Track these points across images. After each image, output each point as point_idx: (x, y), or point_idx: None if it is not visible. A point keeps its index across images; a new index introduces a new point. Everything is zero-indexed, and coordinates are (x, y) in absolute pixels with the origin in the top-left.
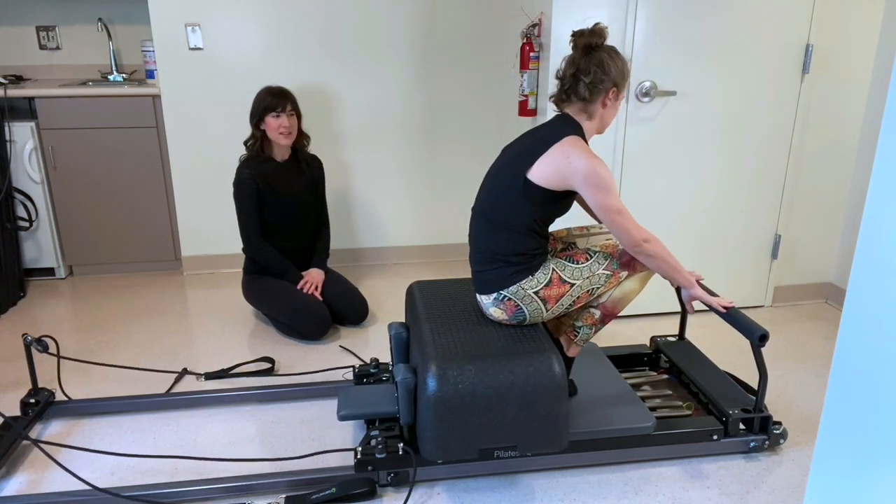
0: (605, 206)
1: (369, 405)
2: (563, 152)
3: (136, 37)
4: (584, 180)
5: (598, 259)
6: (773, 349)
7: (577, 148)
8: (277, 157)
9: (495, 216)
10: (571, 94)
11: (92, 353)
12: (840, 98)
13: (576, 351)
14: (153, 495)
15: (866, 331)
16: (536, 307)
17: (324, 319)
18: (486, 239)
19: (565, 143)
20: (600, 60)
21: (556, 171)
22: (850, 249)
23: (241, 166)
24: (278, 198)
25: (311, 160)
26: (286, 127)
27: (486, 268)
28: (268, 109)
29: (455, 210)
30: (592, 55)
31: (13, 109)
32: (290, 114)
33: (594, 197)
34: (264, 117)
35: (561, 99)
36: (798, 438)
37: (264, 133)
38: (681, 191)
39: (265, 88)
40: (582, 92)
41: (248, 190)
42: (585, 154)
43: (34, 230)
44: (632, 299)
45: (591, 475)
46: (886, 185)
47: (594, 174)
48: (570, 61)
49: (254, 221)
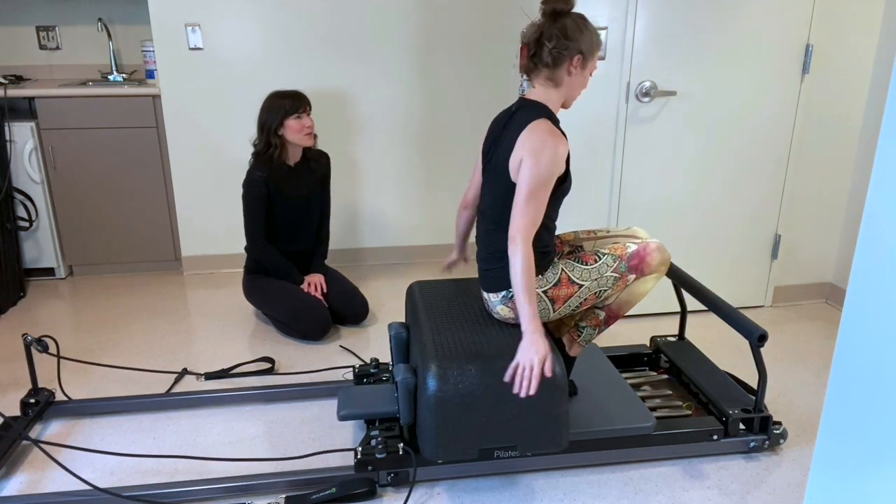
0: (530, 179)
1: (369, 405)
2: (522, 144)
3: (136, 37)
4: (529, 150)
5: (606, 261)
6: (773, 349)
7: (535, 133)
8: (290, 160)
9: (500, 216)
10: (536, 61)
11: (92, 353)
12: (840, 98)
13: (577, 351)
14: (153, 495)
15: (866, 331)
16: (544, 307)
17: (324, 319)
18: (494, 238)
19: (525, 135)
20: (564, 26)
21: (519, 164)
22: (850, 249)
23: (253, 168)
24: (287, 201)
25: (320, 156)
26: (309, 127)
27: (495, 265)
28: (289, 113)
29: (455, 210)
30: (557, 21)
31: (13, 109)
32: (309, 114)
33: (528, 163)
34: (284, 122)
35: (528, 67)
36: (798, 438)
37: (282, 138)
38: (681, 191)
39: (276, 94)
40: (545, 58)
41: (258, 192)
42: (544, 135)
43: (34, 230)
44: (637, 302)
45: (591, 475)
46: (886, 185)
47: (540, 146)
48: (535, 27)
49: (260, 224)
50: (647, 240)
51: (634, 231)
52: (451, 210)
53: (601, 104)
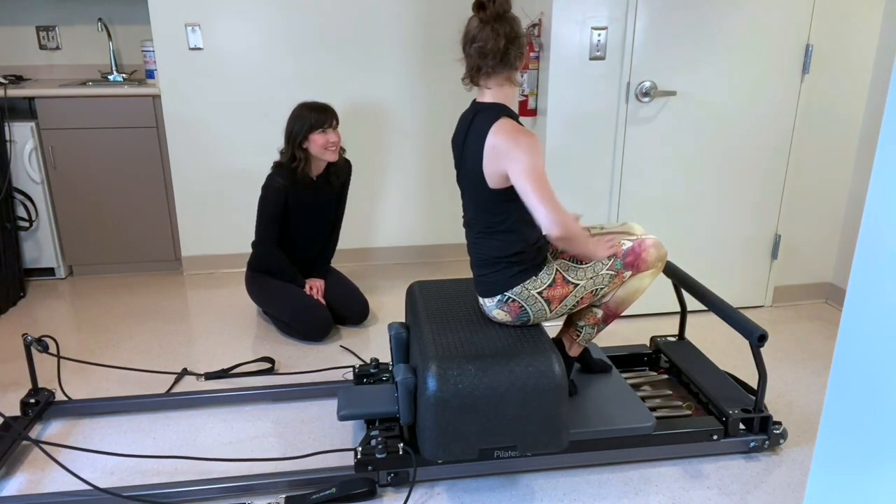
0: (527, 171)
1: (369, 405)
2: (493, 149)
3: (136, 37)
4: (504, 151)
5: (601, 259)
6: (773, 349)
7: (500, 133)
8: (313, 173)
9: (486, 225)
10: (500, 67)
11: (92, 353)
12: (840, 98)
13: (577, 351)
14: (153, 495)
15: (866, 331)
16: (540, 308)
17: (325, 320)
18: (485, 246)
19: (491, 140)
20: (515, 24)
21: (499, 169)
22: (850, 249)
23: (274, 173)
24: (302, 213)
25: (344, 164)
26: (334, 143)
27: (489, 270)
28: (314, 127)
29: (455, 210)
30: (505, 20)
31: (13, 109)
32: (335, 128)
33: (518, 160)
34: (309, 135)
35: (487, 73)
36: (798, 438)
37: (306, 151)
38: (681, 191)
39: (304, 105)
40: (513, 60)
41: (275, 199)
42: (510, 132)
43: (34, 230)
44: (635, 299)
45: (591, 475)
46: (886, 185)
47: (512, 141)
48: (494, 32)
49: (273, 230)
50: (643, 236)
51: (630, 227)
52: (450, 210)
53: (601, 104)
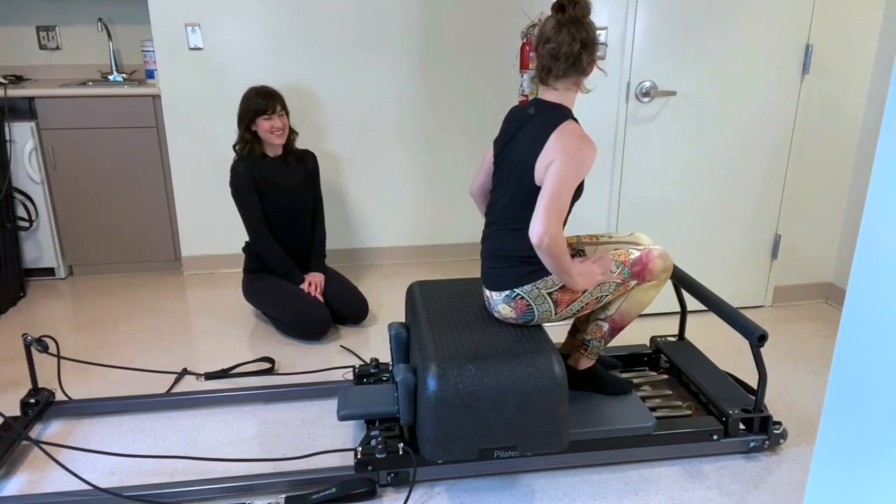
0: (562, 177)
1: (369, 405)
2: (558, 142)
3: (136, 37)
4: (563, 150)
5: (579, 289)
6: (773, 349)
7: (569, 134)
8: (270, 153)
9: (514, 219)
10: (571, 71)
11: (92, 353)
12: (840, 98)
13: (587, 364)
14: (153, 495)
15: (866, 331)
16: (547, 308)
17: (324, 319)
18: (504, 241)
19: (557, 136)
20: (591, 30)
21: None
22: (850, 249)
23: (235, 163)
24: (276, 191)
25: (304, 154)
26: (278, 128)
27: (502, 264)
28: (258, 112)
29: (455, 210)
30: (582, 25)
31: (13, 109)
32: (280, 114)
33: (560, 161)
34: (255, 120)
35: (557, 76)
36: (798, 438)
37: (255, 134)
38: (680, 191)
39: (251, 90)
40: (585, 66)
41: (245, 184)
42: (578, 138)
43: (34, 230)
44: (639, 312)
45: (591, 475)
46: (886, 185)
47: (576, 147)
48: (570, 36)
49: (258, 214)
50: (650, 246)
51: (637, 237)
52: (450, 210)
53: (601, 104)
